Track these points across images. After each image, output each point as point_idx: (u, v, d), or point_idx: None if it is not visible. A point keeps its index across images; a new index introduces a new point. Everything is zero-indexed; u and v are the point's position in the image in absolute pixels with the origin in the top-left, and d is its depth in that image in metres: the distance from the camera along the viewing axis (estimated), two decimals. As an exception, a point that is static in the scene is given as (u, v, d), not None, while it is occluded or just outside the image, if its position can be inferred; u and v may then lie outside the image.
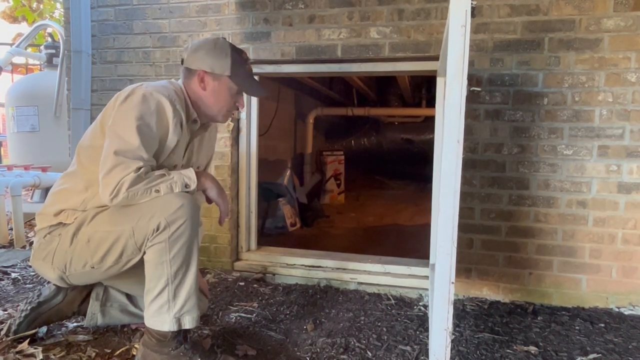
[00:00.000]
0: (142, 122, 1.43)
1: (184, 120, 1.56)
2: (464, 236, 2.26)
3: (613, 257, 2.13)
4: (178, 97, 1.55)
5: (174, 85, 1.60)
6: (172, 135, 1.51)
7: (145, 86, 1.50)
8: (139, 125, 1.42)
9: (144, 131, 1.43)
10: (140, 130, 1.42)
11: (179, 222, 1.42)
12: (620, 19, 2.05)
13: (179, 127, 1.53)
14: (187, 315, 1.47)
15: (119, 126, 1.44)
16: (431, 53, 2.25)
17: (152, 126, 1.46)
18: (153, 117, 1.46)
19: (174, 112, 1.50)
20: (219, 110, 1.64)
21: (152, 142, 1.47)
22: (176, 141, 1.54)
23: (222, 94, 1.61)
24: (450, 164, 1.23)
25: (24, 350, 1.58)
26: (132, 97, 1.46)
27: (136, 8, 2.67)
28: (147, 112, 1.45)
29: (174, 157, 1.58)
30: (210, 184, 1.55)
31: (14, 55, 5.39)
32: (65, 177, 1.63)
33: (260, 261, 2.61)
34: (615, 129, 2.10)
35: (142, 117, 1.43)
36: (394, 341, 1.77)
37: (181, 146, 1.59)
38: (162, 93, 1.49)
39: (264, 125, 3.91)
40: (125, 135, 1.42)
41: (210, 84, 1.59)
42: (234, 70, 1.58)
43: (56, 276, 1.57)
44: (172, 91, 1.54)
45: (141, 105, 1.44)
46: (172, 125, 1.50)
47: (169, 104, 1.49)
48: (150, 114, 1.45)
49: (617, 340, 1.83)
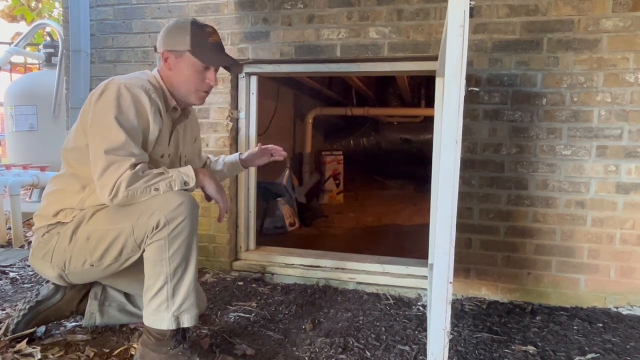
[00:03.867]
0: (121, 116, 1.42)
1: (162, 108, 1.54)
2: (463, 236, 2.26)
3: (611, 257, 2.14)
4: (153, 86, 1.53)
5: (147, 75, 1.58)
6: (153, 124, 1.50)
7: (118, 79, 1.48)
8: (119, 120, 1.41)
9: (125, 125, 1.42)
10: (120, 124, 1.41)
11: (178, 220, 1.42)
12: (619, 19, 2.06)
13: (158, 115, 1.51)
14: (186, 313, 1.47)
15: (99, 125, 1.43)
16: (430, 53, 2.25)
17: (131, 119, 1.44)
18: (131, 110, 1.44)
19: (150, 101, 1.48)
20: (187, 90, 1.59)
21: (137, 135, 1.45)
22: (158, 130, 1.52)
23: (187, 71, 1.56)
24: (449, 163, 1.23)
25: (22, 350, 1.58)
26: (106, 94, 1.44)
27: (135, 7, 2.67)
28: (123, 106, 1.43)
29: (160, 147, 1.56)
30: (209, 181, 1.55)
31: (12, 55, 5.39)
32: (56, 179, 1.62)
33: (259, 261, 2.61)
34: (614, 129, 2.11)
35: (119, 112, 1.42)
36: (393, 341, 1.77)
37: (164, 135, 1.58)
38: (136, 84, 1.47)
39: (263, 124, 3.91)
40: (108, 133, 1.40)
41: (174, 62, 1.56)
42: (194, 44, 1.54)
43: (55, 275, 1.57)
44: (145, 81, 1.52)
45: (117, 100, 1.43)
46: (151, 115, 1.48)
47: (144, 94, 1.47)
48: (128, 107, 1.44)
49: (615, 340, 1.83)
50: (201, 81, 1.58)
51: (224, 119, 2.54)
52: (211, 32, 1.59)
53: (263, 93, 3.09)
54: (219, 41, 1.61)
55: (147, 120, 1.48)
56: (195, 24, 1.57)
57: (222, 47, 1.63)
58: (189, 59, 1.55)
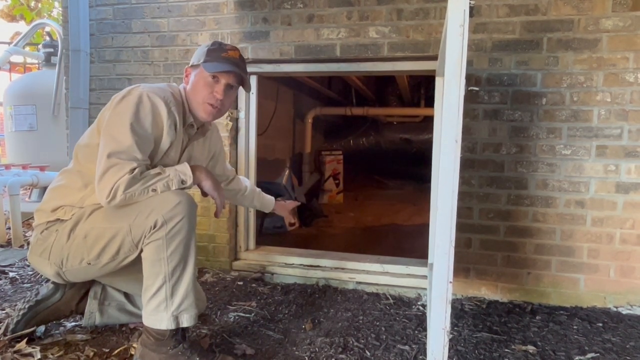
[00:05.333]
0: (136, 122, 1.44)
1: (179, 123, 1.56)
2: (463, 236, 2.26)
3: (611, 256, 2.14)
4: (175, 99, 1.55)
5: (172, 88, 1.61)
6: (166, 136, 1.52)
7: (142, 87, 1.50)
8: (132, 125, 1.43)
9: (138, 131, 1.44)
10: (133, 130, 1.42)
11: (176, 219, 1.42)
12: (618, 19, 2.06)
13: (172, 129, 1.53)
14: (185, 313, 1.47)
15: (113, 127, 1.44)
16: (430, 53, 2.25)
17: (146, 127, 1.46)
18: (148, 118, 1.46)
19: (168, 113, 1.50)
20: (196, 101, 1.59)
21: (147, 143, 1.47)
22: (170, 143, 1.54)
23: (198, 83, 1.58)
24: (449, 163, 1.23)
25: (21, 350, 1.58)
26: (128, 98, 1.47)
27: (135, 7, 2.67)
28: (141, 113, 1.45)
29: (168, 159, 1.57)
30: (205, 177, 1.55)
31: (12, 54, 5.39)
32: (63, 173, 1.64)
33: (258, 261, 2.61)
34: (614, 129, 2.11)
35: (136, 118, 1.44)
36: (393, 340, 1.77)
37: (175, 149, 1.59)
38: (157, 94, 1.50)
39: (262, 124, 3.91)
40: (118, 135, 1.42)
41: (191, 75, 1.61)
42: (208, 56, 1.56)
43: (53, 272, 1.57)
44: (168, 93, 1.54)
45: (136, 106, 1.45)
46: (167, 127, 1.50)
47: (164, 105, 1.49)
48: (145, 114, 1.46)
49: (614, 339, 1.83)
50: (208, 93, 1.57)
51: (223, 119, 2.54)
52: (229, 49, 1.60)
53: (263, 93, 3.09)
54: (234, 57, 1.59)
55: (161, 131, 1.51)
56: (219, 43, 1.61)
57: (236, 63, 1.59)
58: (201, 71, 1.58)
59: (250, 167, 2.66)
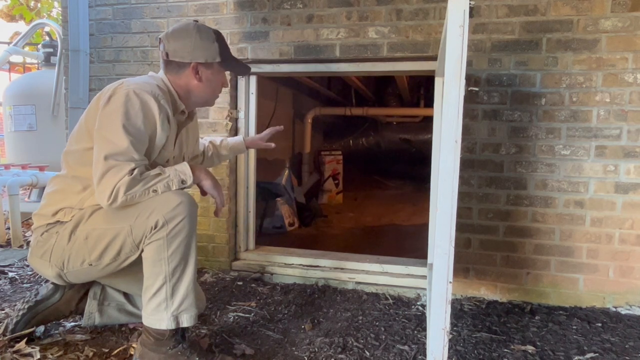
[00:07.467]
0: (127, 122, 1.42)
1: (171, 114, 1.55)
2: (462, 236, 2.27)
3: (610, 257, 2.14)
4: (162, 91, 1.53)
5: (156, 80, 1.58)
6: (161, 131, 1.50)
7: (127, 84, 1.48)
8: (125, 126, 1.41)
9: (131, 131, 1.42)
10: (126, 130, 1.41)
11: (177, 220, 1.42)
12: (618, 19, 2.06)
13: (166, 122, 1.52)
14: (185, 313, 1.48)
15: (105, 129, 1.43)
16: (429, 53, 2.25)
17: (139, 126, 1.44)
18: (139, 116, 1.44)
19: (159, 108, 1.48)
20: (212, 96, 1.71)
21: (142, 142, 1.46)
22: (165, 137, 1.53)
23: (215, 80, 1.66)
24: (448, 163, 1.23)
25: (21, 350, 1.58)
26: (115, 98, 1.45)
27: (134, 7, 2.66)
28: (131, 112, 1.43)
29: (166, 152, 1.58)
30: (205, 177, 1.55)
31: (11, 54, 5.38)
32: (56, 179, 1.62)
33: (258, 261, 2.61)
34: (613, 129, 2.11)
35: (127, 117, 1.42)
36: (392, 340, 1.78)
37: (171, 140, 1.59)
38: (144, 90, 1.47)
39: (262, 124, 3.90)
40: (113, 137, 1.40)
41: (205, 73, 1.62)
42: (222, 55, 1.63)
43: (54, 274, 1.57)
44: (154, 87, 1.52)
45: (124, 105, 1.43)
46: (160, 122, 1.49)
47: (154, 100, 1.47)
48: (135, 113, 1.44)
49: (614, 339, 1.83)
50: (220, 86, 1.71)
51: (223, 119, 2.54)
52: (224, 38, 1.68)
53: (262, 93, 3.09)
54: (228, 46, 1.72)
55: (154, 127, 1.49)
56: (215, 32, 1.63)
57: None
58: (218, 69, 1.64)
59: (250, 167, 2.66)
